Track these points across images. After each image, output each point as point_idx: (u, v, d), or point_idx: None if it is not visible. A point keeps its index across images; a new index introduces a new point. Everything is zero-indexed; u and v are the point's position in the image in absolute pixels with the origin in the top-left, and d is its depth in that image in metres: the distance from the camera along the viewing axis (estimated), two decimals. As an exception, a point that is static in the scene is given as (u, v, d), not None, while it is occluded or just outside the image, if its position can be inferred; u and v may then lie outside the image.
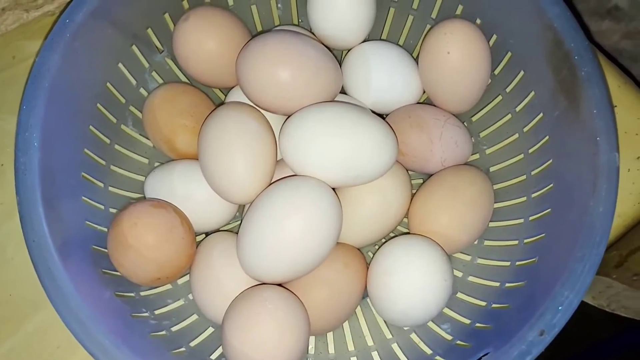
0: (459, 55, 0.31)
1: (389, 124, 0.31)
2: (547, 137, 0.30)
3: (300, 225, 0.28)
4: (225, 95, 0.36)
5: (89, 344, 0.25)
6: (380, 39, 0.38)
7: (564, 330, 0.25)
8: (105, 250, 0.30)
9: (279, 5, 0.38)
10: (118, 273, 0.30)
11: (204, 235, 0.34)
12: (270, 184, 0.31)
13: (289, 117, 0.31)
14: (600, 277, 0.42)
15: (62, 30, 0.29)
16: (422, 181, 0.35)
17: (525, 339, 0.24)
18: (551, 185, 0.30)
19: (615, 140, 0.26)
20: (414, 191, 0.34)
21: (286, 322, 0.28)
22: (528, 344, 0.24)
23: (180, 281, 0.33)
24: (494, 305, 0.30)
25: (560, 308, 0.24)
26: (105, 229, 0.31)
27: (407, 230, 0.33)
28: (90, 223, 0.30)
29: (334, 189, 0.30)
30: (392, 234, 0.35)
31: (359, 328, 0.33)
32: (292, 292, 0.29)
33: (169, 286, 0.33)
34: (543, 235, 0.29)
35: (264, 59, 0.30)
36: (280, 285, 0.30)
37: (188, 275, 0.32)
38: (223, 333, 0.28)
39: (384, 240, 0.34)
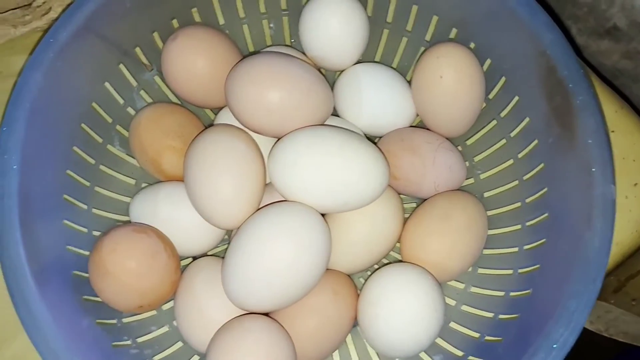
0: (451, 79, 0.31)
1: (380, 149, 0.30)
2: (542, 165, 0.30)
3: (287, 253, 0.27)
4: (215, 116, 0.35)
5: (64, 378, 0.24)
6: (374, 61, 0.37)
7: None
8: (87, 276, 0.29)
9: (271, 25, 0.37)
10: (100, 299, 0.29)
11: (190, 259, 0.33)
12: (259, 208, 0.30)
13: (278, 140, 0.30)
14: (599, 301, 0.41)
15: (45, 50, 0.28)
16: (415, 205, 0.34)
17: (518, 378, 0.23)
18: (546, 214, 0.29)
19: (611, 172, 0.25)
20: (407, 216, 0.33)
21: (269, 354, 0.27)
22: (521, 383, 0.23)
23: (165, 307, 0.32)
24: (487, 338, 0.29)
25: (555, 346, 0.24)
26: (88, 253, 0.30)
27: (400, 256, 0.32)
28: (71, 247, 0.29)
29: (323, 214, 0.29)
30: (385, 260, 0.34)
31: (349, 358, 0.32)
32: (277, 322, 0.29)
33: (152, 312, 0.32)
34: (538, 266, 0.28)
35: (252, 81, 0.30)
36: (266, 314, 0.29)
37: (173, 300, 0.31)
38: (206, 365, 0.27)
39: (376, 266, 0.33)
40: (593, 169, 0.26)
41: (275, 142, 0.30)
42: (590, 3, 0.43)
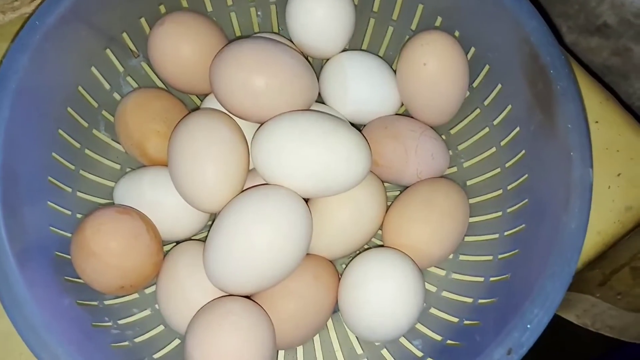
0: (435, 67, 0.31)
1: (363, 135, 0.31)
2: (523, 152, 0.30)
3: (268, 236, 0.27)
4: (201, 102, 0.35)
5: (41, 353, 0.24)
6: (360, 49, 0.37)
7: (553, 350, 0.24)
8: (69, 257, 0.29)
9: (259, 13, 0.37)
10: (81, 280, 0.29)
11: (174, 244, 0.33)
12: (241, 192, 0.30)
13: (262, 124, 0.30)
14: (584, 295, 0.41)
15: (32, 32, 0.28)
16: (398, 193, 0.35)
17: (492, 358, 0.24)
18: (526, 200, 0.29)
19: (589, 156, 0.26)
20: (389, 203, 0.33)
21: (250, 335, 0.27)
22: (495, 363, 0.24)
23: (147, 290, 0.32)
24: (465, 322, 0.29)
25: (529, 326, 0.24)
26: (71, 235, 0.30)
27: (382, 243, 0.33)
28: (55, 228, 0.29)
29: (306, 199, 0.30)
30: (366, 246, 0.34)
31: (330, 342, 0.32)
32: (258, 304, 0.29)
33: (135, 295, 0.32)
34: (517, 251, 0.29)
35: (238, 66, 0.30)
36: (247, 297, 0.29)
37: (155, 284, 0.32)
38: (185, 345, 0.27)
39: (357, 252, 0.33)
40: (572, 153, 0.26)
41: (259, 127, 0.30)
42: (581, 1, 0.43)
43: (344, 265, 0.34)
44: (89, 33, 0.31)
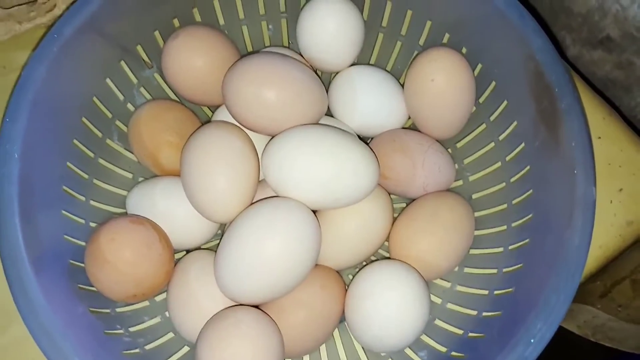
0: (443, 83, 0.32)
1: (371, 149, 0.31)
2: (528, 167, 0.31)
3: (278, 247, 0.28)
4: (213, 114, 0.36)
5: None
6: (369, 64, 0.38)
7: (554, 359, 0.24)
8: (83, 265, 0.30)
9: (270, 26, 0.38)
10: (94, 288, 0.30)
11: (184, 253, 0.34)
12: (252, 203, 0.31)
13: (272, 137, 0.31)
14: (586, 306, 0.42)
15: (50, 44, 0.29)
16: (405, 205, 0.35)
17: (496, 371, 0.24)
18: (530, 215, 0.30)
19: (592, 174, 0.26)
20: (396, 215, 0.34)
21: (259, 344, 0.27)
22: (499, 375, 0.24)
23: (157, 298, 0.33)
24: (470, 334, 0.30)
25: (532, 341, 0.24)
26: (84, 244, 0.30)
27: (389, 254, 0.33)
28: (68, 237, 0.30)
29: (315, 211, 0.30)
30: (373, 258, 0.35)
31: (336, 352, 0.33)
32: (267, 314, 0.29)
33: (146, 303, 0.32)
34: (521, 265, 0.29)
35: (249, 80, 0.30)
36: (256, 306, 0.30)
37: (166, 292, 0.32)
38: (196, 353, 0.28)
39: (364, 263, 0.34)
40: (575, 171, 0.26)
41: (270, 140, 0.31)
42: (584, 14, 0.44)
43: (350, 276, 0.35)
44: (105, 45, 0.32)
